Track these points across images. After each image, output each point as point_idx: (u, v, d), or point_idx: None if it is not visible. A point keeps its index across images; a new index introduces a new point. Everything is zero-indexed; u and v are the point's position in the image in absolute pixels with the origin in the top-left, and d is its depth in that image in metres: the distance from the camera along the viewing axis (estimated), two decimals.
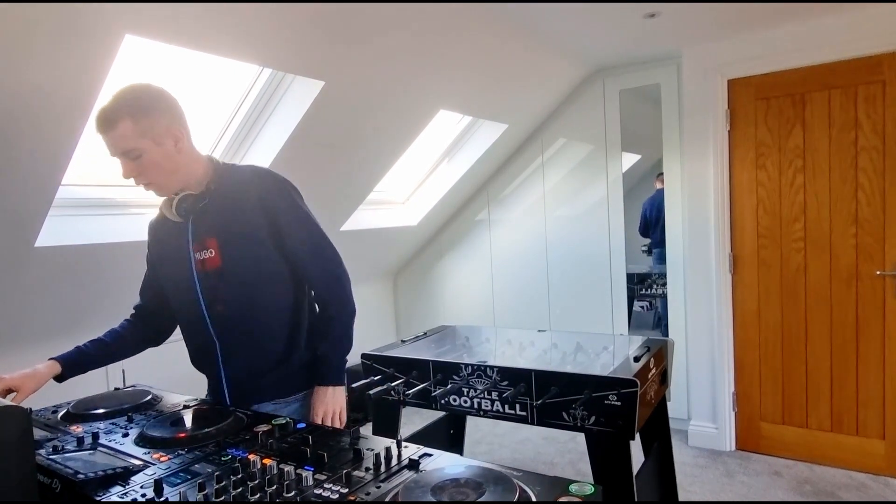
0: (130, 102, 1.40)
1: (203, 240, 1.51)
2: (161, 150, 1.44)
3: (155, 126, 1.42)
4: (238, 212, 1.49)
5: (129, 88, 1.43)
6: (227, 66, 2.42)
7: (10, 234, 2.12)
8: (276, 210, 1.50)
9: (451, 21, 2.46)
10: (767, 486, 2.89)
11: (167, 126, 1.44)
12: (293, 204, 1.53)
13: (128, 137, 1.39)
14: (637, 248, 4.73)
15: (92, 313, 2.62)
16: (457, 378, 2.00)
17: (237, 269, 1.50)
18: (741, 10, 2.67)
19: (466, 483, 0.97)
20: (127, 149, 1.41)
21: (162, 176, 1.47)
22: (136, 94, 1.42)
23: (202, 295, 1.53)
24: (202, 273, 1.52)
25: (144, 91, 1.44)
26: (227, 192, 1.51)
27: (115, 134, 1.39)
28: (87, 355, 1.61)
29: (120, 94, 1.42)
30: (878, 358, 2.88)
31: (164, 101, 1.45)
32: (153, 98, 1.44)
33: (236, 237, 1.49)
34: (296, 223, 1.53)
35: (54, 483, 1.11)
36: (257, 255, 1.50)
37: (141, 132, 1.40)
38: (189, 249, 1.53)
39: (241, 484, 1.02)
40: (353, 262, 2.59)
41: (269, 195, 1.50)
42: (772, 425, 3.20)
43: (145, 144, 1.41)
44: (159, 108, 1.43)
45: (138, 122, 1.39)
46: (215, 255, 1.50)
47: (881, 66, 2.76)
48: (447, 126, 3.75)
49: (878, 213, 2.82)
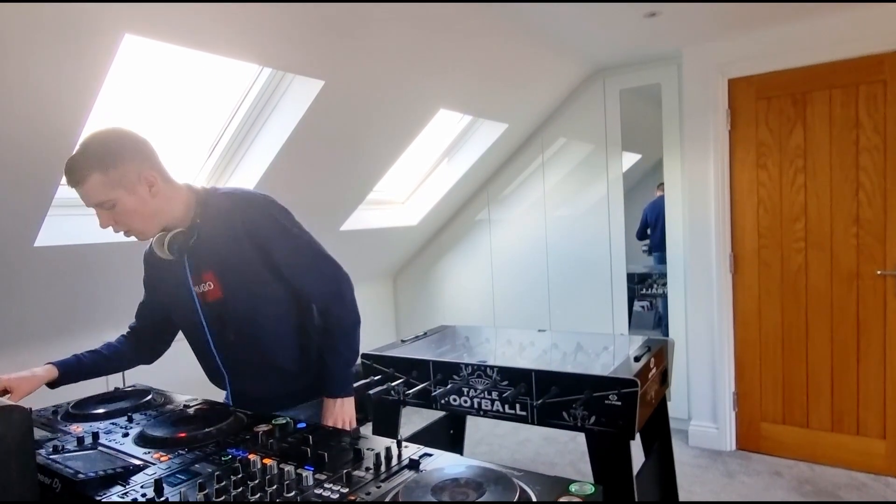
0: (97, 154, 1.35)
1: (200, 274, 1.51)
2: (135, 197, 1.38)
3: (126, 175, 1.36)
4: (228, 243, 1.47)
5: (95, 139, 1.38)
6: (227, 66, 2.42)
7: (9, 233, 2.11)
8: (262, 238, 1.47)
9: (451, 20, 2.45)
10: (768, 486, 2.89)
11: (138, 173, 1.38)
12: (279, 228, 1.49)
13: (98, 190, 1.35)
14: (637, 247, 4.73)
15: (90, 313, 2.62)
16: (457, 378, 2.00)
17: (238, 298, 1.49)
18: (742, 10, 2.67)
19: (467, 483, 0.97)
20: (99, 201, 1.37)
21: (140, 222, 1.43)
22: (104, 144, 1.37)
23: (207, 326, 1.54)
24: (205, 305, 1.52)
25: (111, 139, 1.38)
26: (213, 223, 1.48)
27: (84, 188, 1.34)
28: (85, 365, 1.61)
29: (86, 144, 1.37)
30: (878, 357, 2.88)
31: (133, 147, 1.40)
32: (120, 146, 1.38)
33: (232, 267, 1.48)
34: (285, 247, 1.49)
35: (55, 483, 1.10)
36: (255, 283, 1.49)
37: (112, 184, 1.35)
38: (188, 284, 1.53)
39: (242, 484, 1.02)
40: (353, 262, 2.60)
41: (252, 224, 1.46)
42: (772, 425, 3.20)
43: (118, 195, 1.36)
44: (128, 155, 1.37)
45: (107, 173, 1.34)
46: (215, 287, 1.49)
47: (882, 66, 2.76)
48: (447, 125, 3.75)
49: (878, 212, 2.82)
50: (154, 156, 1.44)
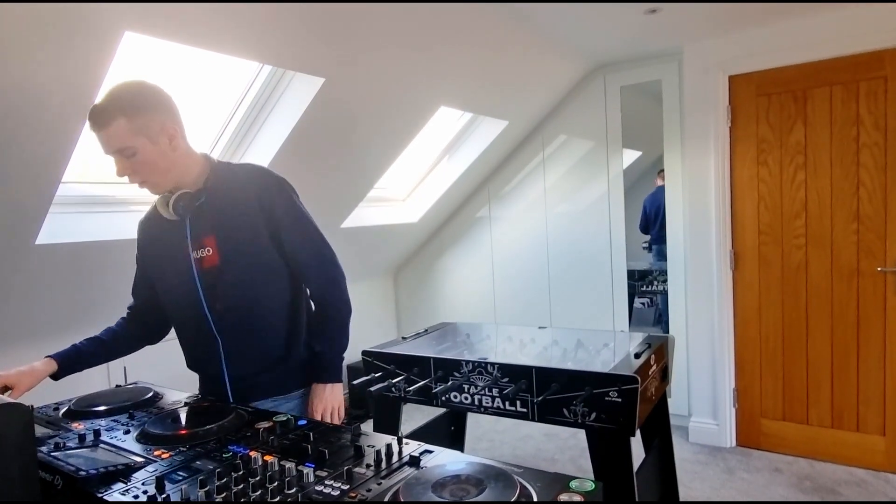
0: (125, 100, 1.38)
1: (200, 238, 1.51)
2: (156, 147, 1.42)
3: (150, 124, 1.40)
4: (236, 210, 1.48)
5: (124, 85, 1.41)
6: (228, 63, 2.42)
7: (10, 231, 2.12)
8: (273, 209, 1.49)
9: (451, 17, 2.45)
10: (768, 482, 2.89)
11: (162, 124, 1.42)
12: (291, 203, 1.53)
13: (122, 135, 1.38)
14: (638, 244, 4.73)
15: (91, 311, 2.62)
16: (457, 375, 2.00)
17: (235, 267, 1.49)
18: (742, 6, 2.66)
19: (467, 480, 0.97)
20: (121, 147, 1.39)
21: (157, 174, 1.46)
22: (131, 91, 1.41)
23: (203, 293, 1.52)
24: (201, 271, 1.52)
25: (139, 88, 1.42)
26: (224, 190, 1.50)
27: (108, 132, 1.38)
28: (84, 353, 1.61)
29: (114, 91, 1.40)
30: (878, 354, 2.88)
31: (158, 99, 1.43)
32: (148, 95, 1.42)
33: (234, 235, 1.49)
34: (293, 222, 1.52)
35: (56, 480, 1.11)
36: (255, 253, 1.50)
37: (135, 130, 1.38)
38: (187, 248, 1.52)
39: (243, 481, 1.03)
40: (354, 259, 2.60)
41: (267, 194, 1.49)
42: (772, 422, 3.20)
43: (140, 142, 1.39)
44: (154, 105, 1.42)
45: (132, 119, 1.37)
46: (213, 254, 1.49)
47: (883, 62, 2.75)
48: (448, 123, 3.74)
49: (879, 209, 2.82)
50: (177, 112, 1.48)
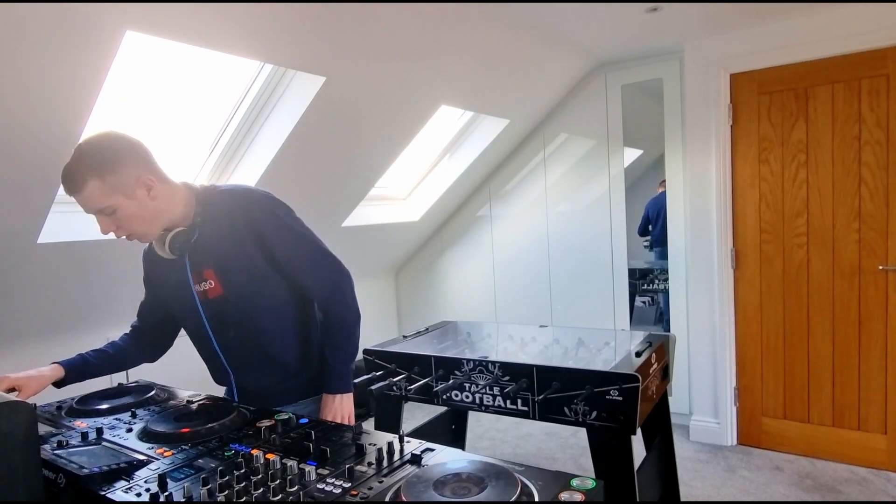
0: (93, 160, 1.33)
1: (201, 272, 1.51)
2: (134, 202, 1.38)
3: (123, 180, 1.35)
4: (229, 239, 1.47)
5: (89, 144, 1.37)
6: (229, 62, 2.42)
7: (12, 230, 2.12)
8: (263, 233, 1.47)
9: (452, 16, 2.45)
10: (769, 480, 2.89)
11: (136, 177, 1.37)
12: (280, 224, 1.49)
13: (97, 197, 1.34)
14: (639, 243, 4.73)
15: (94, 310, 2.63)
16: (458, 373, 2.01)
17: (239, 295, 1.49)
18: (744, 4, 2.66)
19: (468, 478, 0.97)
20: (99, 208, 1.37)
21: (141, 226, 1.42)
22: (99, 148, 1.36)
23: (209, 324, 1.54)
24: (205, 302, 1.52)
25: (105, 145, 1.37)
26: (214, 221, 1.48)
27: (83, 195, 1.34)
28: (90, 364, 1.62)
29: (81, 151, 1.35)
30: (880, 353, 2.88)
31: (127, 151, 1.38)
32: (116, 150, 1.37)
33: (233, 264, 1.48)
34: (286, 243, 1.49)
35: (59, 478, 1.11)
36: (257, 279, 1.49)
37: (110, 189, 1.34)
38: (189, 283, 1.53)
39: (245, 479, 1.03)
40: (355, 258, 2.61)
41: (253, 220, 1.46)
42: (773, 420, 3.20)
43: (117, 200, 1.36)
44: (124, 160, 1.36)
45: (104, 179, 1.33)
46: (216, 285, 1.49)
47: (885, 60, 2.75)
48: (449, 121, 3.74)
49: (881, 207, 2.82)
50: (150, 158, 1.43)
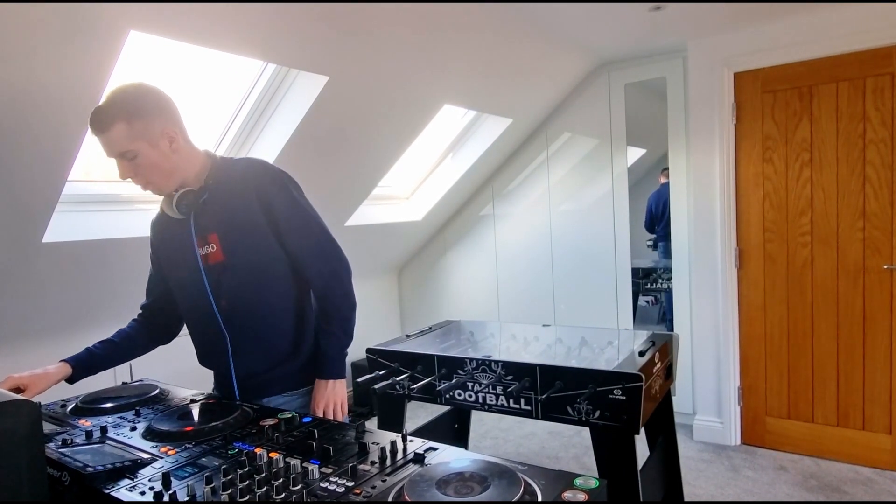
0: (124, 104, 1.39)
1: (205, 235, 1.52)
2: (156, 151, 1.43)
3: (149, 128, 1.40)
4: (237, 206, 1.49)
5: (122, 89, 1.42)
6: (232, 62, 2.42)
7: (17, 229, 2.13)
8: (271, 203, 1.49)
9: (455, 15, 2.45)
10: (773, 480, 2.89)
11: (162, 127, 1.42)
12: (290, 197, 1.52)
13: (122, 140, 1.39)
14: (642, 242, 4.72)
15: (99, 309, 2.64)
16: (461, 372, 2.01)
17: (239, 263, 1.50)
18: (747, 3, 2.65)
19: (471, 477, 0.97)
20: (122, 151, 1.40)
21: (159, 176, 1.47)
22: (130, 95, 1.41)
23: (210, 289, 1.53)
24: (207, 267, 1.53)
25: (138, 92, 1.42)
26: (225, 186, 1.51)
27: (108, 136, 1.39)
28: (98, 356, 1.62)
29: (113, 95, 1.41)
30: (885, 352, 2.87)
31: (157, 102, 1.44)
32: (147, 99, 1.42)
33: (237, 231, 1.50)
34: (292, 217, 1.52)
35: (64, 476, 1.12)
36: (259, 249, 1.50)
37: (135, 135, 1.39)
38: (193, 245, 1.53)
39: (248, 477, 1.03)
40: (358, 257, 2.61)
41: (264, 189, 1.49)
42: (777, 420, 3.19)
43: (140, 146, 1.40)
44: (153, 109, 1.42)
45: (132, 124, 1.38)
46: (217, 250, 1.50)
47: (890, 59, 2.74)
48: (452, 121, 3.74)
49: (885, 206, 2.81)
50: (177, 114, 1.48)
